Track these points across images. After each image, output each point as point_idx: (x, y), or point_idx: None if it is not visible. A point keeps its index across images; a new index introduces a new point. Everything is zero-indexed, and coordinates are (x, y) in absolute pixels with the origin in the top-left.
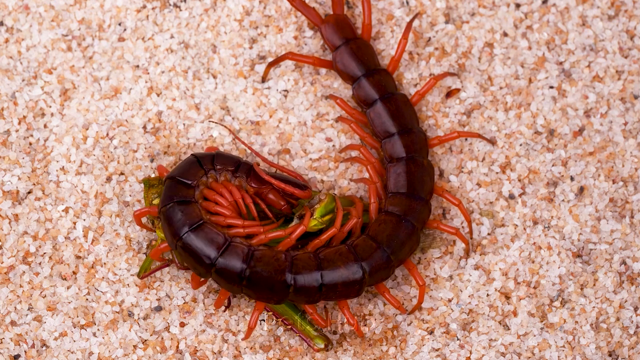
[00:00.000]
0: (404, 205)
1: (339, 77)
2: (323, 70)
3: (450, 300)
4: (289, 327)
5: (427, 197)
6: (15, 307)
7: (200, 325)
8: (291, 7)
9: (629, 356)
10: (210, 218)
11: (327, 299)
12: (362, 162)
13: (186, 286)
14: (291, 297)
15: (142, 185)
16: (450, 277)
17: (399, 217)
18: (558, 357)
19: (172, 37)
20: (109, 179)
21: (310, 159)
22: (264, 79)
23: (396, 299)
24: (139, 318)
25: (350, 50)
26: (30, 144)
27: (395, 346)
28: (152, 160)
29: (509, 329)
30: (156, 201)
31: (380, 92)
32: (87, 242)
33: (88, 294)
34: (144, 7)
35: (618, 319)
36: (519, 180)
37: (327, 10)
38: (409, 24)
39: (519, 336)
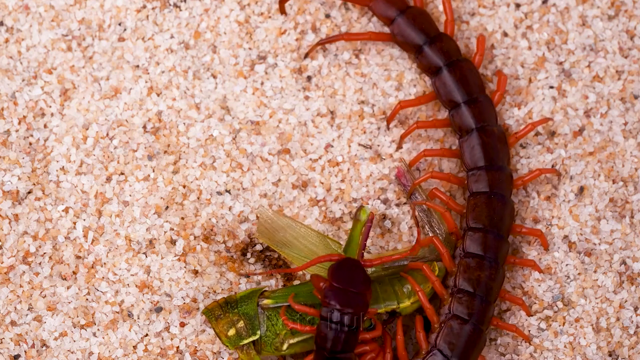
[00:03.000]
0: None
1: (401, 48)
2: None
3: None
4: None
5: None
6: (15, 307)
7: (200, 325)
8: (293, 5)
9: (629, 356)
10: None
11: None
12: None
13: (186, 286)
14: None
15: (205, 316)
16: None
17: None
18: (559, 358)
19: (172, 37)
20: (109, 179)
21: (310, 159)
22: (307, 54)
23: None
24: (138, 318)
25: (408, 20)
26: (30, 144)
27: None
28: (151, 160)
29: None
30: (231, 332)
31: (445, 58)
32: (87, 242)
33: (88, 294)
34: (144, 7)
35: (618, 319)
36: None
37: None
38: None
39: None
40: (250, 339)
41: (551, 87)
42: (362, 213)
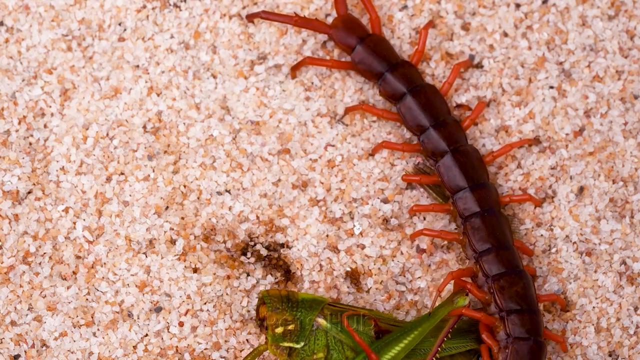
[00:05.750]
0: None
1: (362, 76)
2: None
3: None
4: None
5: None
6: (15, 307)
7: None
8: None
9: (629, 356)
10: None
11: None
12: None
13: (185, 285)
14: None
15: (259, 299)
16: None
17: None
18: (561, 357)
19: (172, 37)
20: (109, 179)
21: (310, 159)
22: (292, 76)
23: None
24: (138, 318)
25: (368, 48)
26: (30, 144)
27: None
28: (151, 160)
29: None
30: (279, 330)
31: (408, 84)
32: (87, 242)
33: (88, 294)
34: (144, 7)
35: (618, 319)
36: (519, 181)
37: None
38: (430, 21)
39: None
40: (290, 345)
41: (551, 87)
42: (461, 299)
